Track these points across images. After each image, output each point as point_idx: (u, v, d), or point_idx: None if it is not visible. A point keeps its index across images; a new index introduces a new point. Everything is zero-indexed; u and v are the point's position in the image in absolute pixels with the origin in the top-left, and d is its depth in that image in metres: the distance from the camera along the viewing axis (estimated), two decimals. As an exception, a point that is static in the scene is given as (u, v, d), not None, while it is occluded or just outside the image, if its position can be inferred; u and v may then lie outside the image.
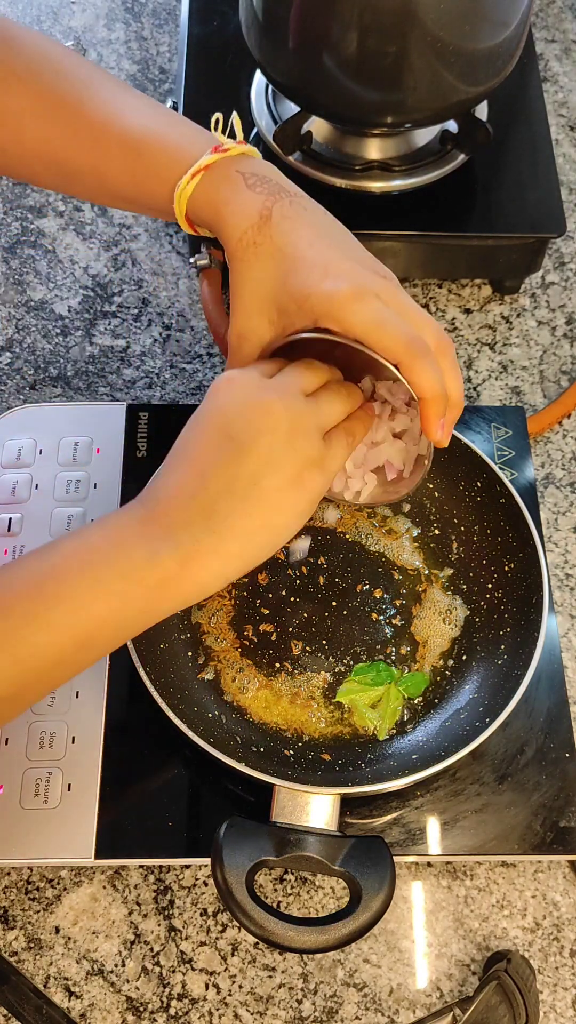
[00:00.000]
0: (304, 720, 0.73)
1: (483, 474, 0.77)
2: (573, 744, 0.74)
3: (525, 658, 0.69)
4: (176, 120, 0.65)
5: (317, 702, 0.74)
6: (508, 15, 0.81)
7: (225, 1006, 0.70)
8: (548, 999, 0.70)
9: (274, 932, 0.59)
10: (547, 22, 1.17)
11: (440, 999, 0.70)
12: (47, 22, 1.17)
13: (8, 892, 0.73)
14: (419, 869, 0.74)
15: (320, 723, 0.73)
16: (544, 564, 0.72)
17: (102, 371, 0.95)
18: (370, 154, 0.92)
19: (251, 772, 0.64)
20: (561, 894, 0.73)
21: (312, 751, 0.72)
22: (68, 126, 0.63)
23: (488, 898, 0.73)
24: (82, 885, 0.73)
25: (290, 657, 0.76)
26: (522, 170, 0.95)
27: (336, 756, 0.72)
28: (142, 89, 1.12)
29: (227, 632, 0.76)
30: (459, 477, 0.79)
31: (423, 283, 1.00)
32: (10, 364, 0.95)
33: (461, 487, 0.79)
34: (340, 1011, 0.70)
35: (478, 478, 0.77)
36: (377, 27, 0.77)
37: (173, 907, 0.72)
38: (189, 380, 0.95)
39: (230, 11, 1.00)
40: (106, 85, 0.64)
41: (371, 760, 0.72)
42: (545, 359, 0.97)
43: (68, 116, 0.63)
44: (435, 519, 0.81)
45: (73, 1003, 0.69)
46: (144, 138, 0.62)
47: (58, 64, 0.65)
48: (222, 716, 0.73)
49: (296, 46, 0.82)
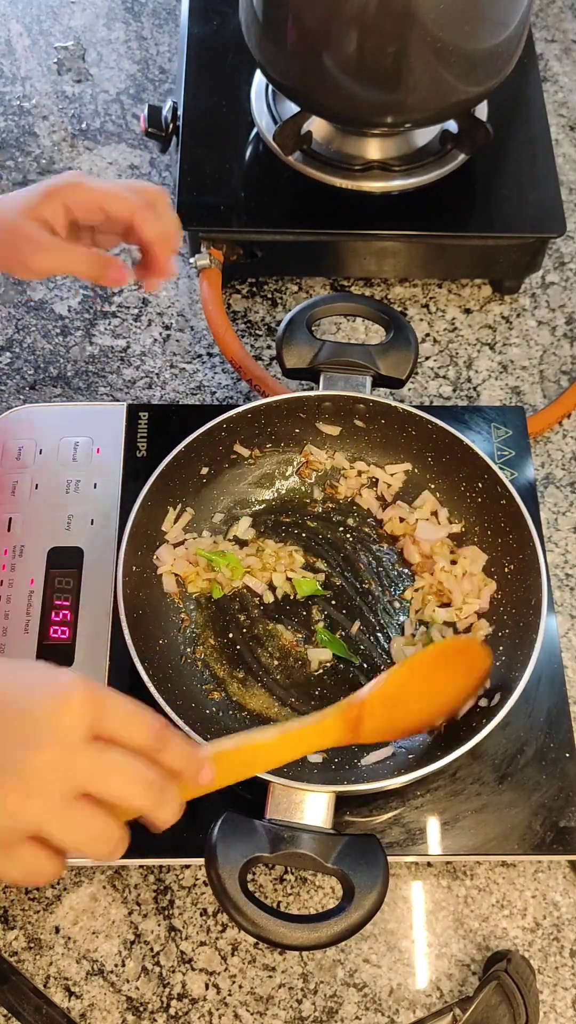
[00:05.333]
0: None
1: (484, 475, 0.77)
2: (573, 744, 0.74)
3: (523, 659, 0.69)
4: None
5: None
6: (508, 15, 0.81)
7: (225, 1006, 0.70)
8: (548, 999, 0.70)
9: (266, 928, 0.59)
10: (547, 22, 1.17)
11: (440, 999, 0.70)
12: (47, 22, 1.17)
13: (8, 892, 0.73)
14: (419, 869, 0.74)
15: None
16: (544, 566, 0.72)
17: (102, 371, 0.95)
18: (370, 154, 0.92)
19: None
20: (561, 894, 0.73)
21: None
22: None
23: (488, 898, 0.73)
24: (82, 885, 0.73)
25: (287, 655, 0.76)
26: (522, 170, 0.95)
27: (332, 754, 0.72)
28: (142, 89, 1.12)
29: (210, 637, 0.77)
30: (460, 478, 0.79)
31: (423, 283, 1.00)
32: (10, 364, 0.95)
33: (462, 488, 0.79)
34: (340, 1011, 0.70)
35: (479, 479, 0.77)
36: (377, 27, 0.77)
37: (173, 907, 0.72)
38: (189, 380, 0.95)
39: (230, 11, 1.00)
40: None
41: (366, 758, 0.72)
42: (545, 359, 0.97)
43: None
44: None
45: (73, 1003, 0.69)
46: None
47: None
48: (219, 712, 0.73)
49: (296, 46, 0.82)
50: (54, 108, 1.10)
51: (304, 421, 0.81)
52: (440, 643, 0.72)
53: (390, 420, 0.80)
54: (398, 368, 0.80)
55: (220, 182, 0.94)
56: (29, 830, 0.47)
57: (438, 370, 0.95)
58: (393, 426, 0.80)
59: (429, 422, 0.78)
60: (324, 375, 0.80)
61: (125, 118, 1.10)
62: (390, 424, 0.80)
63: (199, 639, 0.77)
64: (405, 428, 0.80)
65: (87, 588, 0.79)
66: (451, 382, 0.95)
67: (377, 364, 0.79)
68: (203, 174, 0.94)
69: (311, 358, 0.79)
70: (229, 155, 0.96)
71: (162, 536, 0.78)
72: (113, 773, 0.48)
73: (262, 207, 0.94)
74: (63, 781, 0.47)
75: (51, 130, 1.09)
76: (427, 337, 0.97)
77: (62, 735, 0.47)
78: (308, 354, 0.79)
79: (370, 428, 0.81)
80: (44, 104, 1.11)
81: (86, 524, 0.82)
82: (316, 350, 0.79)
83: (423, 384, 0.95)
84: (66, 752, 0.47)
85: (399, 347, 0.80)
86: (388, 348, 0.80)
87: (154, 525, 0.77)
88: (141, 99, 1.11)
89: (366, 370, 0.79)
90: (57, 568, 0.80)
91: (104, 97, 1.12)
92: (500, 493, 0.76)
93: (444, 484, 0.81)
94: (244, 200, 0.94)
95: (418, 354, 0.80)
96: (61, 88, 1.12)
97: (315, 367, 0.79)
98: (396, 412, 0.79)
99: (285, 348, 0.79)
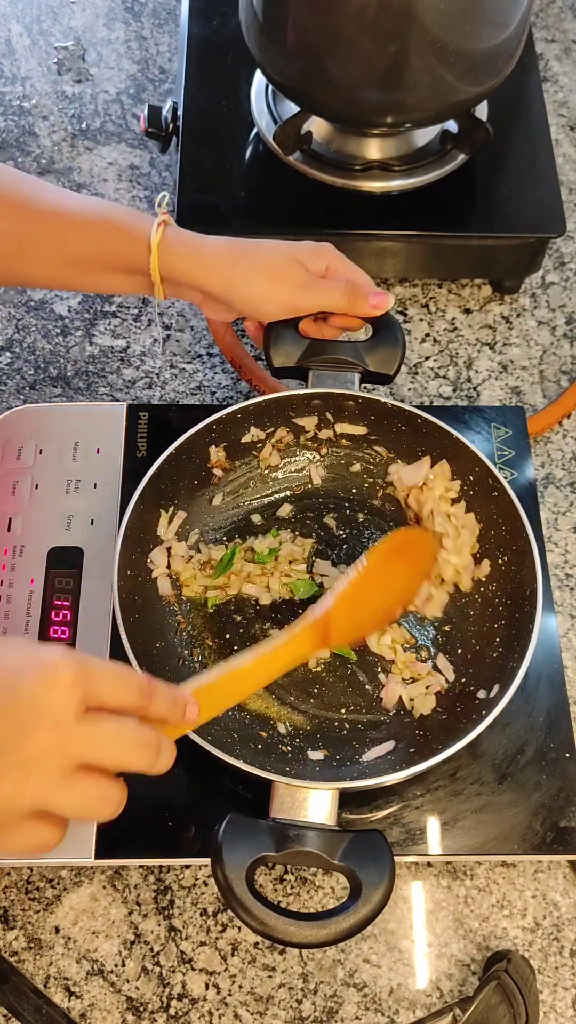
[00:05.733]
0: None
1: (475, 468, 0.77)
2: (573, 744, 0.74)
3: (520, 650, 0.69)
4: (112, 203, 0.82)
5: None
6: (508, 15, 0.81)
7: (225, 1006, 0.70)
8: (548, 999, 0.70)
9: (275, 928, 0.59)
10: (547, 22, 1.17)
11: (440, 999, 0.70)
12: (47, 22, 1.17)
13: (8, 892, 0.73)
14: (419, 869, 0.74)
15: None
16: (537, 555, 0.72)
17: (102, 371, 0.95)
18: (370, 154, 0.92)
19: (249, 768, 0.64)
20: (561, 894, 0.73)
21: (309, 746, 0.72)
22: (27, 219, 0.75)
23: (488, 898, 0.73)
24: (82, 885, 0.73)
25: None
26: (522, 170, 0.95)
27: (334, 751, 0.72)
28: (142, 89, 1.12)
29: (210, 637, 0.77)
30: (452, 471, 0.79)
31: (423, 283, 1.00)
32: (10, 364, 0.95)
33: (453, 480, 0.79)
34: (340, 1011, 0.70)
35: (470, 472, 0.77)
36: (377, 27, 0.77)
37: (173, 907, 0.72)
38: (189, 380, 0.95)
39: (230, 11, 1.00)
40: (50, 187, 0.78)
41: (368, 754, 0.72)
42: (545, 359, 0.97)
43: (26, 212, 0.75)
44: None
45: (73, 1003, 0.69)
46: (103, 213, 0.77)
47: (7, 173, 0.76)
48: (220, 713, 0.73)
49: (296, 46, 0.82)
50: (54, 108, 1.10)
51: (288, 419, 0.81)
52: (389, 537, 0.73)
53: (379, 416, 0.80)
54: (386, 364, 0.79)
55: (220, 182, 0.94)
56: (31, 808, 0.48)
57: (438, 370, 0.95)
58: (383, 422, 0.80)
59: (419, 416, 0.78)
60: (312, 373, 0.79)
61: (125, 118, 1.10)
62: (380, 420, 0.80)
63: (196, 641, 0.77)
64: (395, 424, 0.80)
65: (87, 588, 0.79)
66: (451, 382, 0.95)
67: (365, 360, 0.79)
68: (203, 174, 0.94)
69: (298, 356, 0.79)
70: (229, 155, 0.96)
71: (156, 539, 0.78)
72: (109, 743, 0.49)
73: (262, 207, 0.94)
74: (60, 758, 0.48)
75: (51, 130, 1.09)
76: (427, 337, 0.97)
77: (55, 714, 0.48)
78: (295, 352, 0.79)
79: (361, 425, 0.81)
80: (44, 104, 1.11)
81: (86, 524, 0.82)
82: (303, 348, 0.79)
83: (423, 384, 0.95)
84: (60, 731, 0.48)
85: (386, 343, 0.79)
86: (375, 344, 0.79)
87: (148, 528, 0.77)
88: (141, 99, 1.11)
89: (354, 367, 0.79)
90: (57, 568, 0.80)
91: (104, 97, 1.12)
92: (492, 485, 0.76)
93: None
94: (244, 200, 0.94)
95: (405, 350, 0.80)
96: (61, 88, 1.12)
97: (303, 365, 0.79)
98: (385, 408, 0.79)
99: (272, 347, 0.79)
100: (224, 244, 0.77)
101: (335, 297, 0.77)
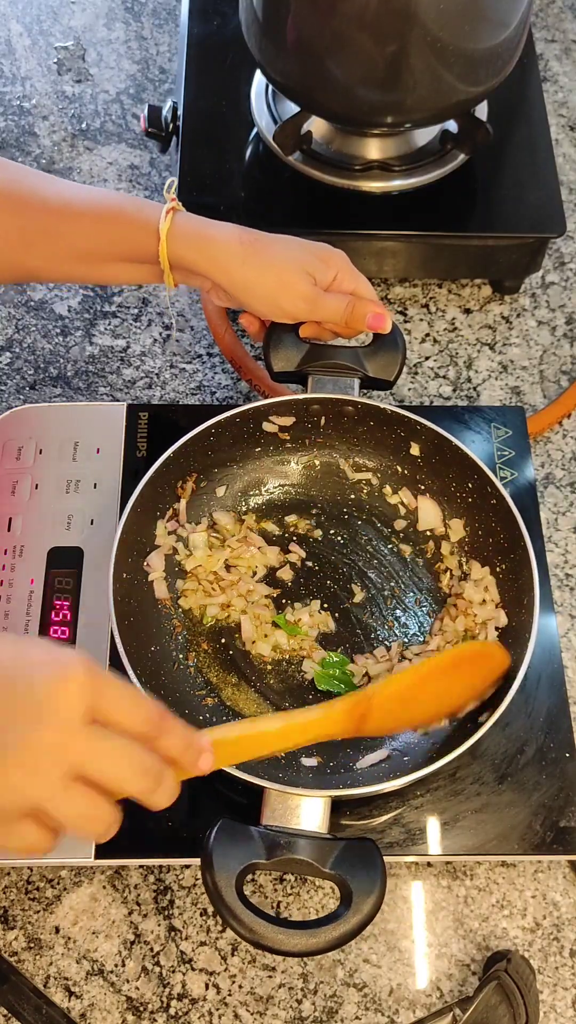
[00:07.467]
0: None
1: (474, 475, 0.77)
2: (573, 744, 0.74)
3: (517, 659, 0.69)
4: (119, 193, 0.84)
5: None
6: (508, 15, 0.81)
7: (225, 1006, 0.70)
8: (548, 999, 0.70)
9: (264, 935, 0.59)
10: (547, 22, 1.17)
11: (440, 999, 0.70)
12: (47, 22, 1.17)
13: (8, 892, 0.73)
14: (419, 869, 0.74)
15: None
16: (535, 565, 0.71)
17: (102, 371, 0.95)
18: (370, 154, 0.92)
19: (240, 775, 0.64)
20: (561, 894, 0.73)
21: (303, 753, 0.72)
22: (34, 213, 0.75)
23: (488, 898, 0.73)
24: (82, 885, 0.73)
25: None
26: (522, 170, 0.95)
27: (327, 759, 0.72)
28: (142, 89, 1.12)
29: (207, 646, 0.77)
30: (450, 479, 0.79)
31: (423, 283, 1.00)
32: (10, 364, 0.95)
33: (452, 488, 0.79)
34: (340, 1011, 0.70)
35: (469, 479, 0.77)
36: (377, 27, 0.77)
37: (173, 907, 0.72)
38: (189, 380, 0.95)
39: (230, 11, 1.00)
40: (56, 180, 0.78)
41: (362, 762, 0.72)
42: (545, 359, 0.97)
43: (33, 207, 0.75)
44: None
45: (73, 1003, 0.69)
46: (111, 203, 0.77)
47: (13, 168, 0.77)
48: (213, 718, 0.73)
49: (296, 46, 0.82)
50: (54, 108, 1.10)
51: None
52: (460, 647, 0.72)
53: (379, 422, 0.80)
54: (386, 370, 0.79)
55: (220, 182, 0.94)
56: (29, 806, 0.48)
57: (438, 370, 0.95)
58: (383, 427, 0.80)
59: (418, 423, 0.78)
60: (312, 378, 0.79)
61: (125, 118, 1.10)
62: (379, 426, 0.80)
63: (191, 645, 0.76)
64: (394, 429, 0.79)
65: (87, 588, 0.79)
66: (451, 382, 0.95)
67: (365, 366, 0.79)
68: (203, 174, 0.94)
69: (298, 361, 0.79)
70: (229, 155, 0.96)
71: (153, 542, 0.78)
72: (108, 759, 0.49)
73: (262, 207, 0.94)
74: (61, 762, 0.48)
75: (51, 130, 1.09)
76: (427, 337, 0.97)
77: (61, 716, 0.48)
78: (295, 357, 0.79)
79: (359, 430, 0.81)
80: (44, 104, 1.11)
81: (86, 524, 0.82)
82: (303, 353, 0.79)
83: (423, 384, 0.95)
84: (64, 733, 0.48)
85: (386, 349, 0.79)
86: (376, 350, 0.79)
87: (144, 532, 0.77)
88: (141, 99, 1.11)
89: (354, 372, 0.79)
90: (57, 568, 0.80)
91: (104, 97, 1.12)
92: (490, 493, 0.75)
93: (435, 485, 0.81)
94: (244, 200, 0.94)
95: (406, 356, 0.79)
96: (61, 88, 1.12)
97: (303, 370, 0.79)
98: (384, 413, 0.78)
99: (272, 352, 0.79)
100: (235, 236, 0.76)
101: (336, 315, 0.77)
